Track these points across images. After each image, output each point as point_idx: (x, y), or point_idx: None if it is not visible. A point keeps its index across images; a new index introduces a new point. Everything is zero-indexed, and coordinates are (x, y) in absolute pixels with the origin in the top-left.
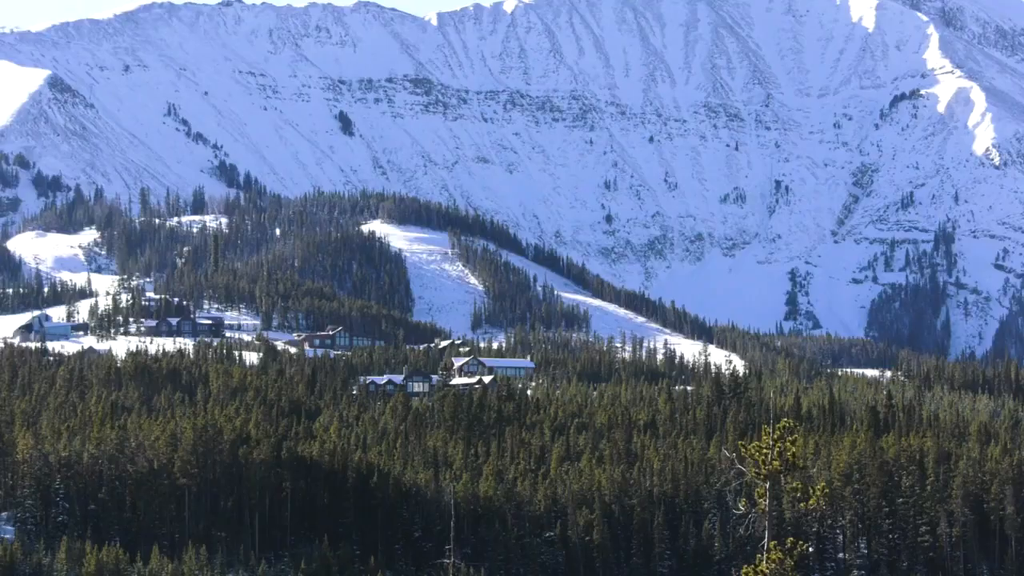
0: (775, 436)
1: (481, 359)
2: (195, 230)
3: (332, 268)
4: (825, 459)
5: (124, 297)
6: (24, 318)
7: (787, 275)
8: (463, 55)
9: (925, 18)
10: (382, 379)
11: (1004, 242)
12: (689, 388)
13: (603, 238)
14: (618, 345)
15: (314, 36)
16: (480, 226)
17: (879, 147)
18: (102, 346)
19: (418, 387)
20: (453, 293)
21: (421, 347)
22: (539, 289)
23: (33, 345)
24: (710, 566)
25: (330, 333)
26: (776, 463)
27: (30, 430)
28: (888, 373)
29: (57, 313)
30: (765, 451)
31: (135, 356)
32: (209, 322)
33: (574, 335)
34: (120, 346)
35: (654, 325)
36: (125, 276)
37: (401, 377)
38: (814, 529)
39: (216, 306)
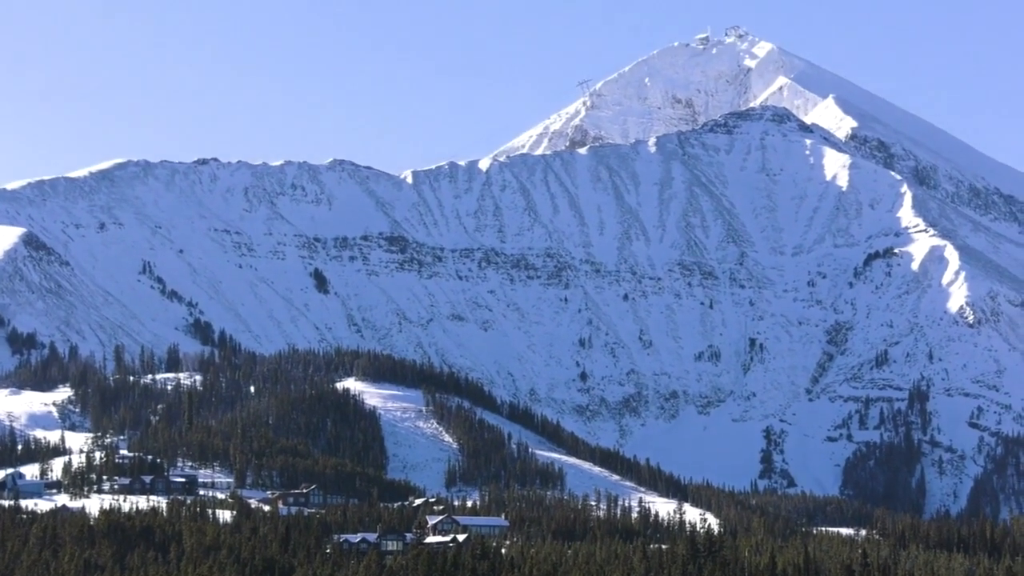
0: None
1: (455, 517)
2: (169, 387)
3: (306, 426)
4: None
5: (98, 455)
6: None
7: (762, 433)
8: (438, 213)
9: (898, 177)
10: (356, 537)
11: (978, 400)
12: (664, 547)
13: (578, 396)
14: (593, 503)
15: (289, 194)
16: (455, 384)
17: (853, 305)
18: (75, 504)
19: (392, 545)
20: (427, 451)
21: (395, 505)
22: (514, 447)
23: (6, 503)
24: None
25: (304, 491)
26: None
27: None
28: (863, 531)
29: (31, 471)
30: None
31: (108, 514)
32: (183, 480)
33: (549, 493)
34: (93, 504)
35: (629, 483)
36: (99, 434)
37: (375, 535)
38: None
39: (190, 464)
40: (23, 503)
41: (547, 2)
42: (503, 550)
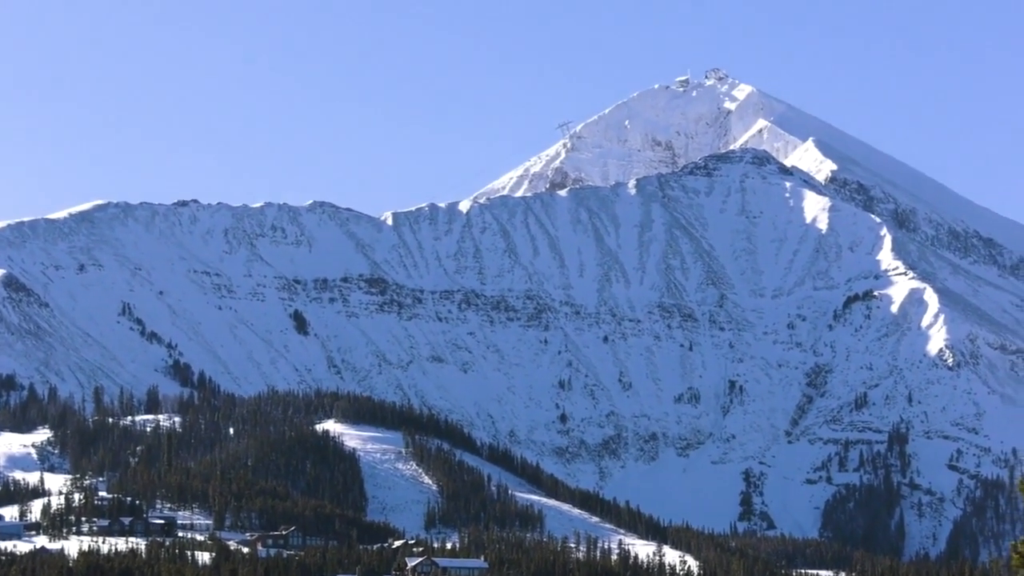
0: None
1: (435, 559)
2: (148, 429)
3: (286, 467)
4: None
5: (77, 496)
6: None
7: (741, 475)
8: (418, 255)
9: (878, 220)
10: None
11: (957, 443)
12: None
13: (557, 438)
14: (572, 545)
15: (269, 236)
16: (434, 425)
17: (833, 348)
18: (54, 545)
19: None
20: (407, 492)
21: (375, 547)
22: (493, 489)
23: None
24: None
25: (283, 533)
26: None
27: None
28: (843, 574)
29: (9, 512)
30: None
31: (87, 556)
32: (162, 522)
33: (528, 535)
34: (73, 545)
35: (608, 525)
36: (78, 475)
37: None
38: None
39: (169, 506)
40: (2, 544)
41: (526, 44)
42: None
